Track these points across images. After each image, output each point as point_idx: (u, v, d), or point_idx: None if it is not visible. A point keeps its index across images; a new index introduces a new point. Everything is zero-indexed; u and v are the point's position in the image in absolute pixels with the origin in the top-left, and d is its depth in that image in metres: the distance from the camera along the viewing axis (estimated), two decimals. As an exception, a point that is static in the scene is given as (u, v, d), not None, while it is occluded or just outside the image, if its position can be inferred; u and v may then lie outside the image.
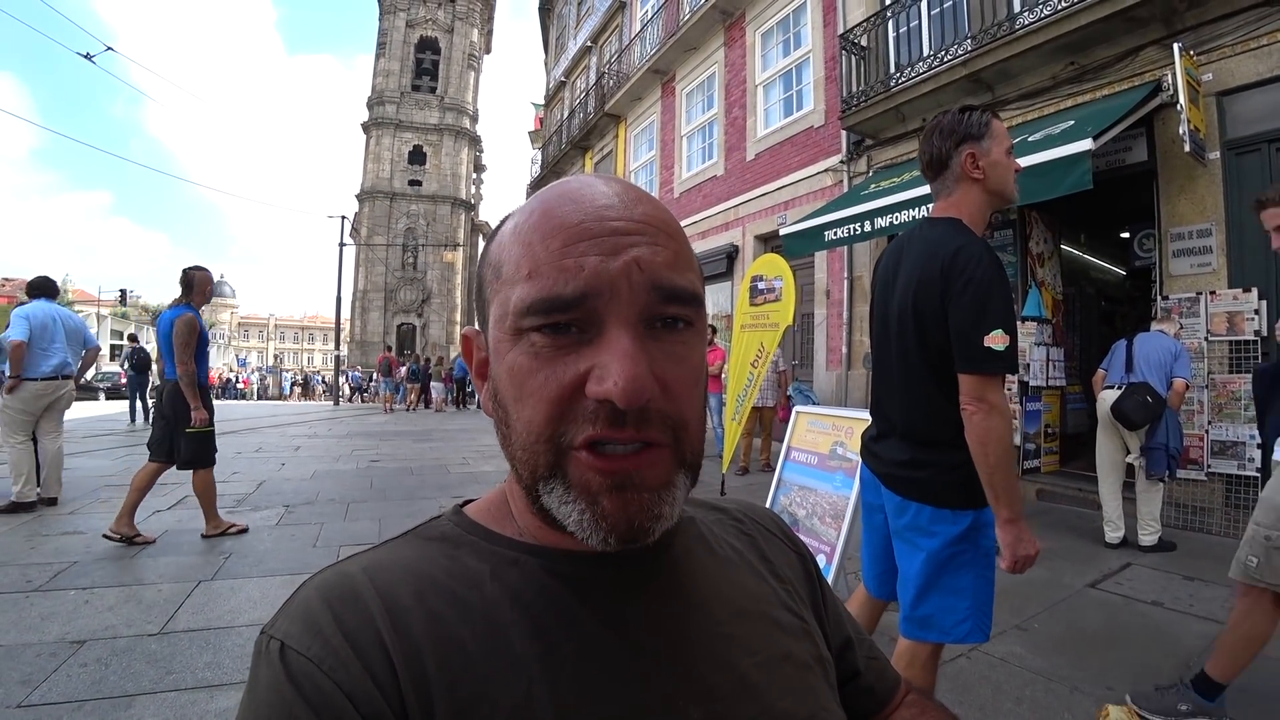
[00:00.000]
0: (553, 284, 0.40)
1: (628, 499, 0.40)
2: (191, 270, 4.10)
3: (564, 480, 0.41)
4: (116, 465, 7.00)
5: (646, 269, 0.41)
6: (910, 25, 7.06)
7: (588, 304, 0.40)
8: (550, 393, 0.40)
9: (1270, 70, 4.42)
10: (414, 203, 39.46)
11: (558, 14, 20.50)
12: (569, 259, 0.40)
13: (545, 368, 0.40)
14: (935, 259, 1.50)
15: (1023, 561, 1.46)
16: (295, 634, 0.39)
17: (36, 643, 2.51)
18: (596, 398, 0.39)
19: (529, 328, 0.41)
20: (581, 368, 0.40)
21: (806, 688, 0.50)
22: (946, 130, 1.58)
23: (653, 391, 0.40)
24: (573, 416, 0.40)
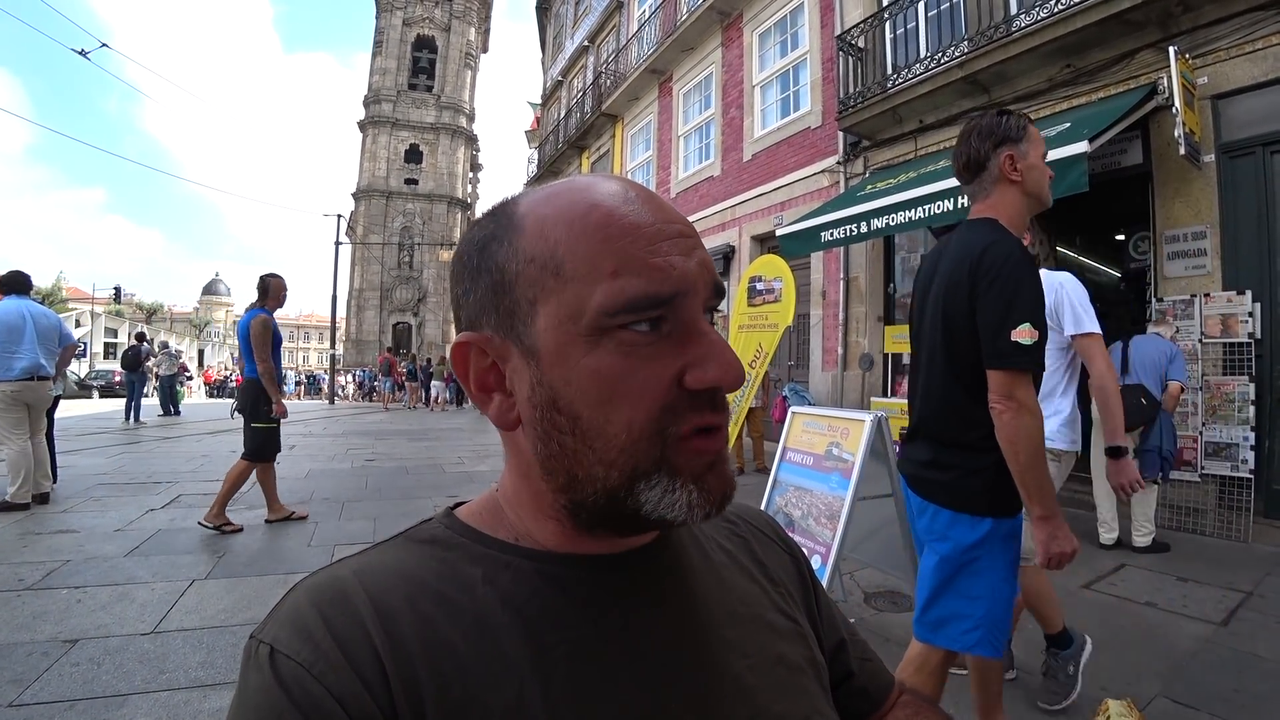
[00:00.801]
0: (648, 283, 0.40)
1: (721, 473, 0.44)
2: (268, 277, 4.48)
3: (670, 471, 0.41)
4: (110, 464, 6.97)
5: (708, 268, 0.44)
6: (907, 27, 7.08)
7: (676, 301, 0.41)
8: (654, 389, 0.41)
9: (1265, 74, 4.44)
10: (410, 201, 39.40)
11: (555, 13, 20.49)
12: (657, 258, 0.41)
13: (645, 365, 0.40)
14: (966, 258, 1.51)
15: (1058, 558, 1.45)
16: (285, 638, 0.39)
17: (28, 642, 2.49)
18: (706, 386, 0.41)
19: (617, 326, 0.40)
20: (677, 364, 0.41)
21: (799, 690, 0.50)
22: (985, 132, 1.58)
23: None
24: (676, 409, 0.41)
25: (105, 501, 4.99)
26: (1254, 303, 4.41)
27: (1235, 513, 4.36)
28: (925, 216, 5.41)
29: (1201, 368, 4.58)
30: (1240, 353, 4.44)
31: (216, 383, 34.07)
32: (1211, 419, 4.52)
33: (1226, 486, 4.43)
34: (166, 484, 5.82)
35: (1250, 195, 4.54)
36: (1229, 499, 4.41)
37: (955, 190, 5.11)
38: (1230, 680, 2.36)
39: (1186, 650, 2.66)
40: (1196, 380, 4.56)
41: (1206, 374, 4.57)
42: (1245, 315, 4.42)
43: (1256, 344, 4.40)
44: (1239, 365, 4.43)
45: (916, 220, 5.54)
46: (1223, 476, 4.43)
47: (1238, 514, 4.36)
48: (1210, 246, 4.66)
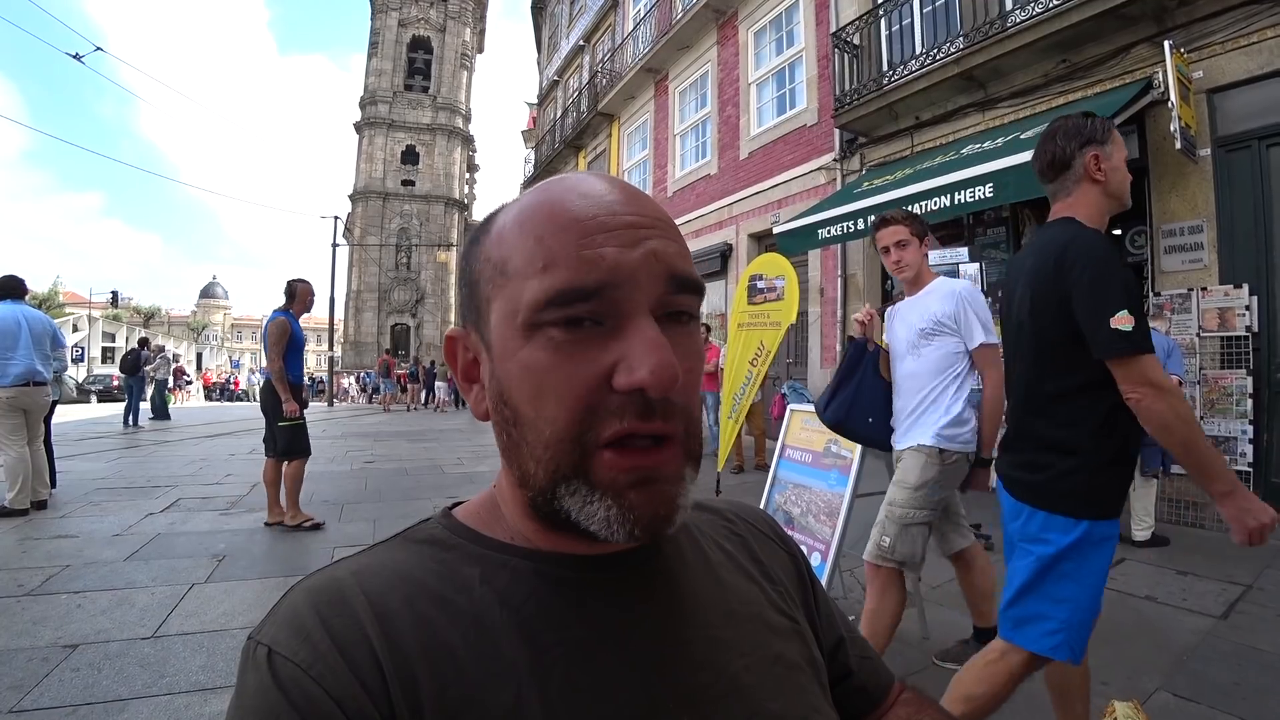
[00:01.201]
0: (573, 275, 0.39)
1: (653, 493, 0.40)
2: (295, 282, 4.57)
3: (587, 479, 0.40)
4: (109, 468, 6.96)
5: (663, 259, 0.41)
6: (902, 23, 7.08)
7: (607, 294, 0.39)
8: (576, 388, 0.39)
9: (1260, 67, 4.45)
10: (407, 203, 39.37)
11: (550, 13, 20.46)
12: (588, 250, 0.40)
13: (567, 363, 0.40)
14: (1049, 255, 1.50)
15: (1257, 531, 1.33)
16: (283, 639, 0.39)
17: (28, 647, 2.49)
18: (628, 388, 0.39)
19: (547, 322, 0.40)
20: (607, 360, 0.39)
21: (798, 689, 0.50)
22: (1071, 132, 1.59)
23: (679, 378, 0.40)
24: (599, 412, 0.40)
25: (104, 506, 4.98)
26: (1251, 296, 4.42)
27: (1234, 506, 4.37)
28: (922, 213, 5.41)
29: (1199, 361, 4.59)
30: (1238, 346, 4.45)
31: (216, 386, 33.99)
32: (1210, 413, 4.53)
33: (1225, 480, 4.43)
34: (165, 488, 5.81)
35: (1246, 189, 4.54)
36: (1228, 492, 4.41)
37: (951, 186, 5.11)
38: (1230, 673, 2.36)
39: (1187, 644, 2.67)
40: (1194, 374, 4.56)
41: (1204, 368, 4.58)
42: (1242, 309, 4.43)
43: (1254, 337, 4.41)
44: (1236, 359, 4.44)
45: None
46: (1222, 470, 4.44)
47: (1237, 507, 4.36)
48: (1207, 240, 4.67)
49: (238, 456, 8.13)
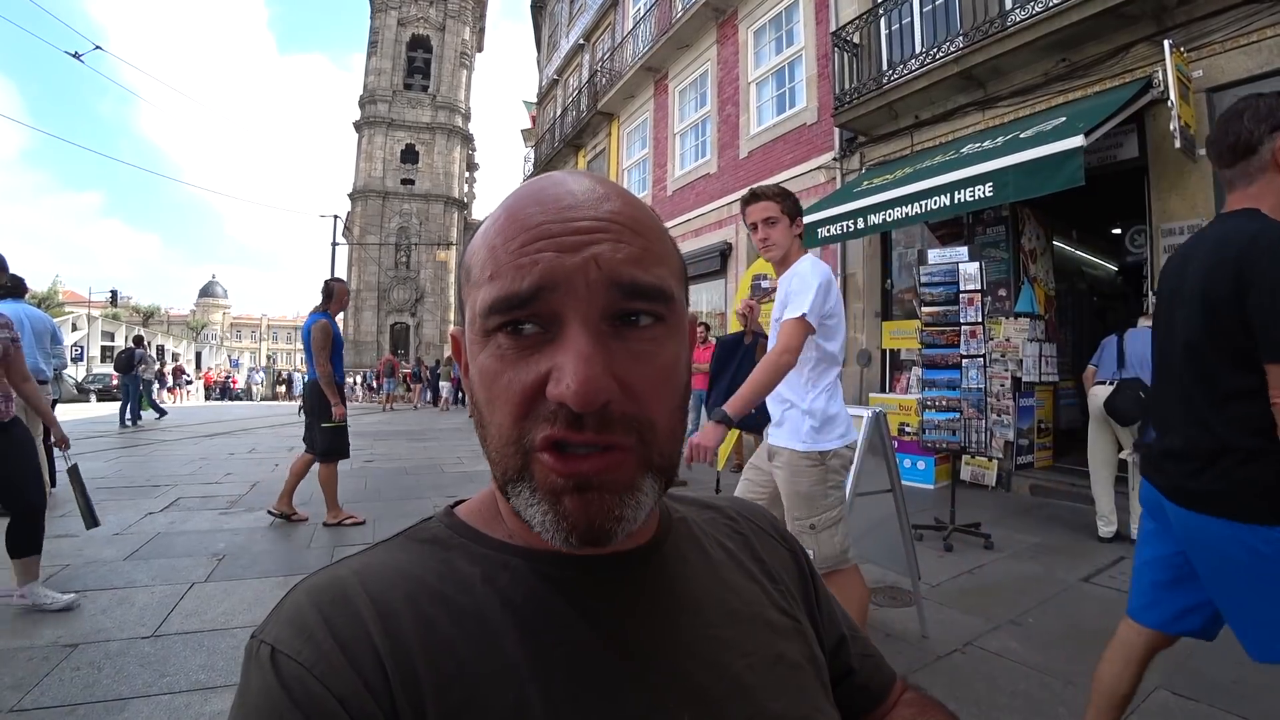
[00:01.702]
0: (509, 282, 0.40)
1: (589, 500, 0.40)
2: (331, 281, 4.66)
3: (529, 483, 0.40)
4: (109, 467, 6.96)
5: (605, 265, 0.40)
6: (902, 22, 7.08)
7: (541, 300, 0.39)
8: (514, 395, 0.40)
9: (1260, 66, 4.45)
10: (407, 201, 39.31)
11: (550, 12, 20.45)
12: (524, 257, 0.40)
13: (509, 369, 0.40)
14: (1229, 247, 1.38)
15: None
16: (286, 638, 0.39)
17: (29, 647, 2.49)
18: (554, 400, 0.39)
19: (493, 328, 0.41)
20: (543, 368, 0.39)
21: (799, 688, 0.50)
22: (1263, 114, 1.42)
23: (611, 393, 0.39)
24: (535, 417, 0.40)
25: (104, 505, 4.97)
26: (1250, 295, 4.41)
27: (1233, 505, 4.37)
28: (921, 212, 5.42)
29: (1199, 360, 4.58)
30: (1237, 345, 4.44)
31: (217, 385, 33.92)
32: (1209, 411, 4.52)
33: (1224, 479, 4.43)
34: (165, 487, 5.81)
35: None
36: (1227, 491, 4.41)
37: (951, 186, 5.11)
38: (1230, 671, 2.36)
39: (1186, 642, 2.65)
40: (1194, 373, 4.56)
41: (1204, 367, 4.57)
42: (1242, 308, 4.42)
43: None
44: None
45: (913, 216, 5.54)
46: (1221, 469, 4.43)
47: (1236, 506, 4.36)
48: (1206, 239, 4.66)
49: (237, 456, 8.13)
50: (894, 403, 6.43)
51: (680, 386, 0.45)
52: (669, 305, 0.42)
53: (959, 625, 2.85)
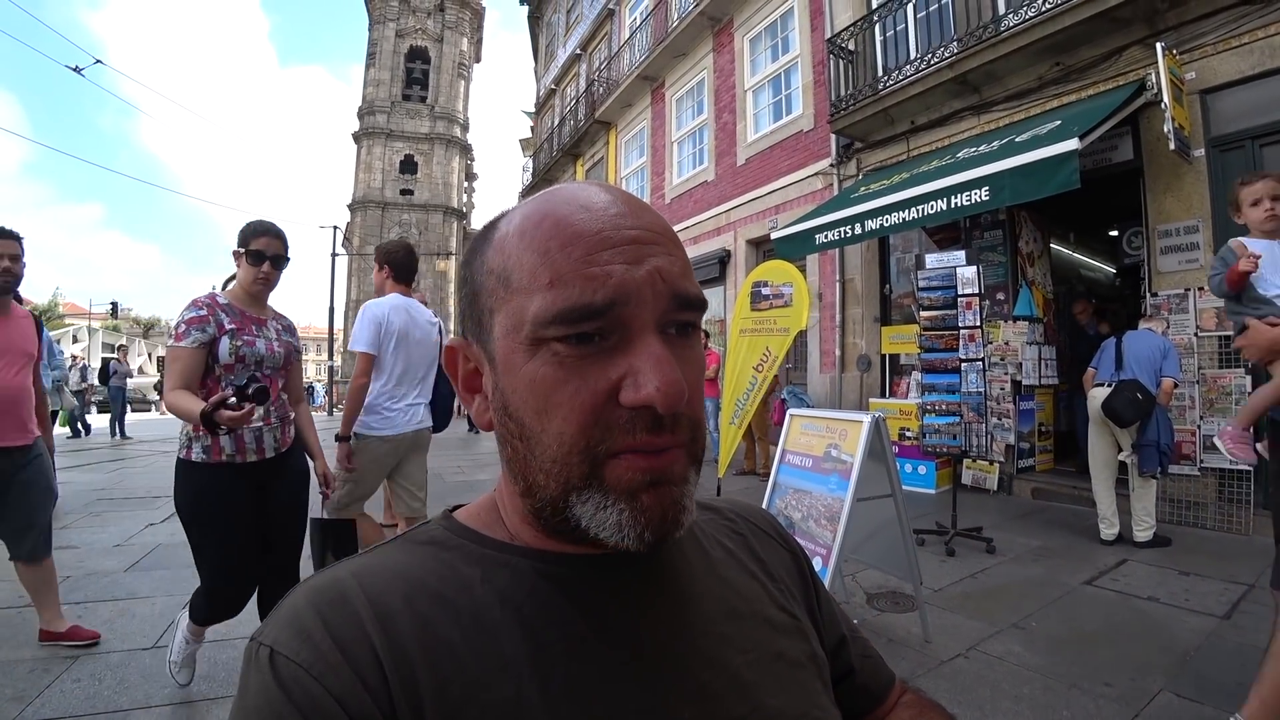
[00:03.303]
0: (580, 293, 0.39)
1: (662, 494, 0.41)
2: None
3: (601, 487, 0.41)
4: (109, 479, 6.95)
5: (668, 278, 0.42)
6: (897, 29, 7.11)
7: (615, 312, 0.40)
8: (584, 403, 0.40)
9: (1252, 68, 4.47)
10: (406, 212, 39.37)
11: (547, 22, 20.55)
12: (594, 267, 0.40)
13: (574, 378, 0.40)
14: None
15: None
16: (284, 640, 0.39)
17: (30, 658, 2.49)
18: (636, 404, 0.39)
19: (552, 337, 0.40)
20: (613, 376, 0.40)
21: (799, 686, 0.50)
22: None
23: (685, 395, 0.40)
24: (608, 425, 0.40)
25: (105, 517, 4.98)
26: (1248, 296, 4.42)
27: (1235, 505, 4.37)
28: (919, 217, 5.44)
29: (1197, 361, 4.59)
30: (1235, 346, 4.45)
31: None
32: (1209, 412, 4.53)
33: (1226, 480, 4.43)
34: (166, 498, 5.79)
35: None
36: (1228, 492, 4.41)
37: (948, 190, 5.13)
38: (1234, 674, 2.35)
39: (1190, 644, 2.66)
40: (1193, 374, 4.57)
41: (1203, 368, 4.58)
42: (1239, 308, 4.43)
43: (1252, 337, 4.41)
44: (1234, 358, 4.44)
45: (910, 221, 5.56)
46: (1222, 470, 4.44)
47: (1237, 507, 4.36)
48: (1203, 240, 4.68)
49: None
50: (894, 407, 6.43)
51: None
52: (702, 314, 0.45)
53: (962, 630, 2.84)
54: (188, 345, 1.99)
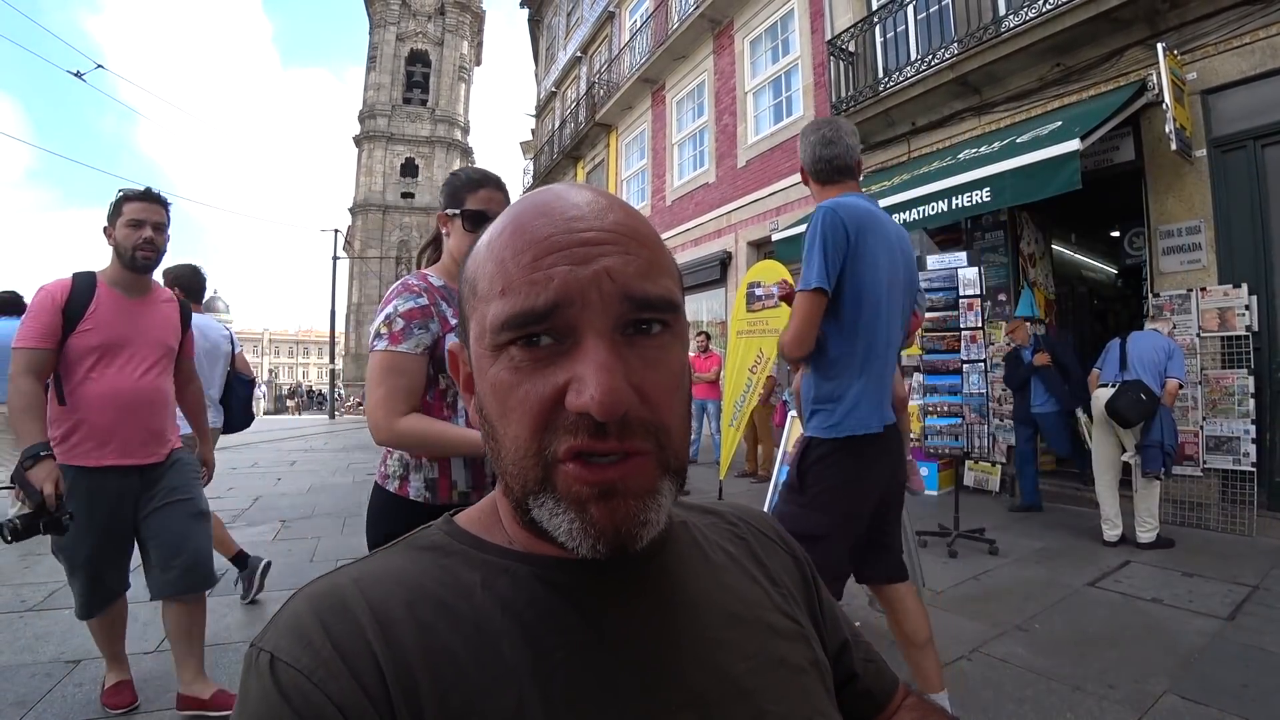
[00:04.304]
0: (524, 298, 0.40)
1: (614, 507, 0.40)
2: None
3: (553, 493, 0.41)
4: (111, 483, 6.95)
5: (618, 278, 0.41)
6: (897, 30, 7.12)
7: (559, 314, 0.40)
8: (532, 407, 0.40)
9: (1253, 68, 4.47)
10: (407, 215, 39.47)
11: (547, 25, 20.59)
12: (538, 272, 0.40)
13: (525, 381, 0.41)
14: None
15: None
16: (285, 646, 0.39)
17: (31, 663, 2.49)
18: (576, 410, 0.39)
19: (506, 342, 0.41)
20: (560, 380, 0.40)
21: (801, 692, 0.50)
22: None
23: (630, 401, 0.40)
24: (555, 429, 0.40)
25: (106, 521, 4.97)
26: (1250, 295, 4.42)
27: (1238, 506, 4.36)
28: (920, 218, 5.43)
29: (1200, 362, 4.58)
30: (1238, 346, 4.45)
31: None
32: (1212, 413, 4.52)
33: (1229, 480, 4.42)
34: (167, 502, 5.80)
35: (1243, 188, 4.56)
36: (1232, 493, 4.40)
37: (949, 191, 5.13)
38: (1238, 675, 2.35)
39: (1194, 646, 2.65)
40: (1196, 374, 4.56)
41: (1205, 368, 4.58)
42: (1242, 308, 4.43)
43: (1254, 337, 4.41)
44: (1237, 358, 4.44)
45: (911, 222, 5.54)
46: (1225, 470, 4.43)
47: (1241, 508, 4.35)
48: (1205, 240, 4.67)
49: (239, 470, 8.12)
50: (896, 408, 6.40)
51: (687, 392, 0.46)
52: (675, 315, 0.44)
53: (964, 631, 2.83)
54: (408, 350, 1.36)
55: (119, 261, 2.07)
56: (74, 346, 1.97)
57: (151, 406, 2.10)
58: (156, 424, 2.11)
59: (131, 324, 2.07)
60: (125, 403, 2.02)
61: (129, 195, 2.06)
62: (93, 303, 2.01)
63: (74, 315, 1.98)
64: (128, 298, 2.10)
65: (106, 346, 2.02)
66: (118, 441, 2.01)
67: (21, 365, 1.90)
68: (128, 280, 2.10)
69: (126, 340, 2.05)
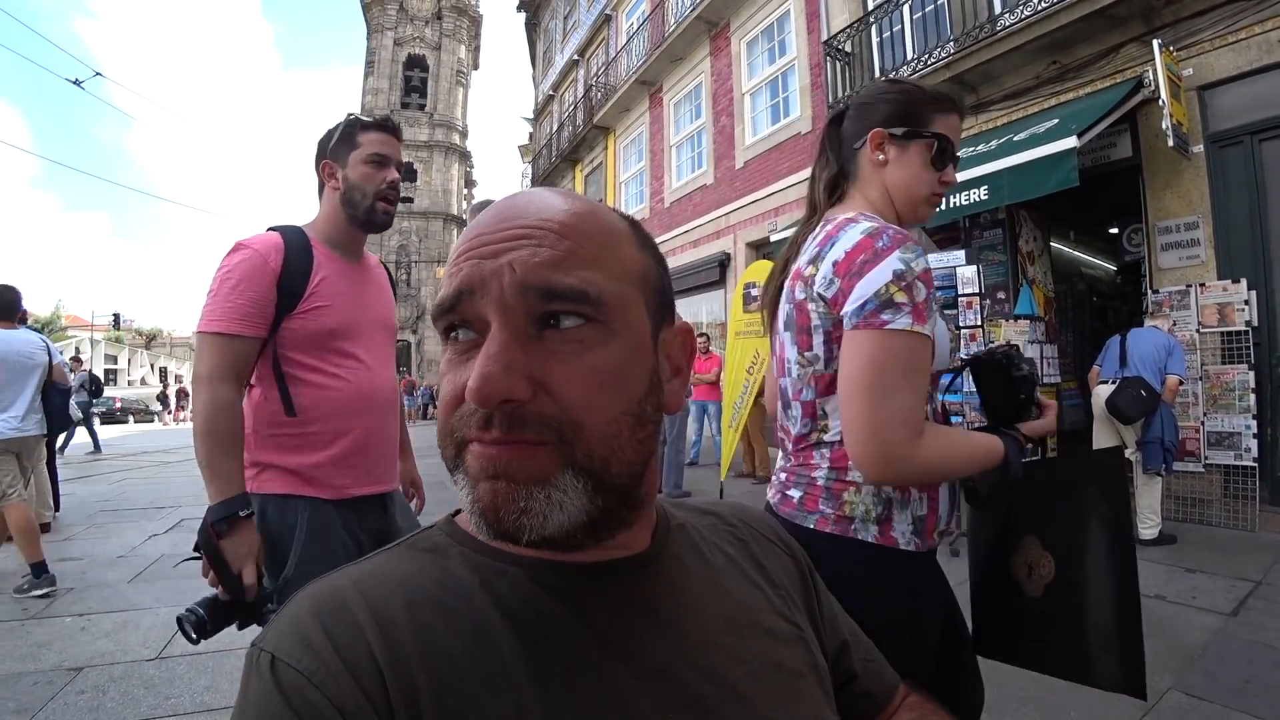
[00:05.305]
0: (442, 290, 0.44)
1: (497, 489, 0.40)
2: None
3: (462, 470, 0.43)
4: (113, 490, 6.96)
5: (520, 269, 0.41)
6: (893, 30, 7.13)
7: (464, 304, 0.42)
8: (448, 394, 0.43)
9: (1249, 63, 4.48)
10: (406, 219, 39.47)
11: (544, 29, 20.62)
12: (454, 267, 0.43)
13: (451, 372, 0.44)
14: None
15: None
16: (285, 647, 0.39)
17: (33, 671, 2.48)
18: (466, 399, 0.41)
19: (443, 335, 0.45)
20: (469, 372, 0.41)
21: (800, 696, 0.50)
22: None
23: (514, 391, 0.39)
24: (463, 415, 0.42)
25: (108, 528, 4.98)
26: (1249, 290, 4.42)
27: (1241, 502, 4.35)
28: (918, 217, 5.43)
29: (1200, 358, 4.58)
30: (1238, 341, 4.44)
31: None
32: (1213, 408, 4.51)
33: (1231, 476, 4.42)
34: (169, 509, 5.80)
35: (1240, 184, 4.56)
36: (1234, 488, 4.40)
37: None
38: (1242, 671, 2.34)
39: (1197, 642, 2.65)
40: (1196, 370, 4.56)
41: (1205, 364, 4.57)
42: (1241, 303, 4.43)
43: (1254, 332, 4.40)
44: (1237, 354, 4.44)
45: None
46: (1227, 466, 4.43)
47: (1243, 503, 4.34)
48: (1203, 236, 4.68)
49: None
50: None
51: (625, 389, 0.43)
52: (597, 307, 0.42)
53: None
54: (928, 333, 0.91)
55: (344, 212, 1.48)
56: (298, 331, 1.38)
57: (395, 413, 1.58)
58: (398, 437, 1.61)
59: (357, 299, 1.50)
60: (376, 408, 1.48)
61: (365, 122, 1.51)
62: (314, 270, 1.41)
63: (292, 289, 1.37)
64: (348, 263, 1.52)
65: (343, 331, 1.44)
66: (365, 462, 1.46)
67: (217, 362, 1.29)
68: (349, 239, 1.52)
69: (358, 322, 1.49)
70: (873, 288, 0.89)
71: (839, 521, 0.98)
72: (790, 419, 1.07)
